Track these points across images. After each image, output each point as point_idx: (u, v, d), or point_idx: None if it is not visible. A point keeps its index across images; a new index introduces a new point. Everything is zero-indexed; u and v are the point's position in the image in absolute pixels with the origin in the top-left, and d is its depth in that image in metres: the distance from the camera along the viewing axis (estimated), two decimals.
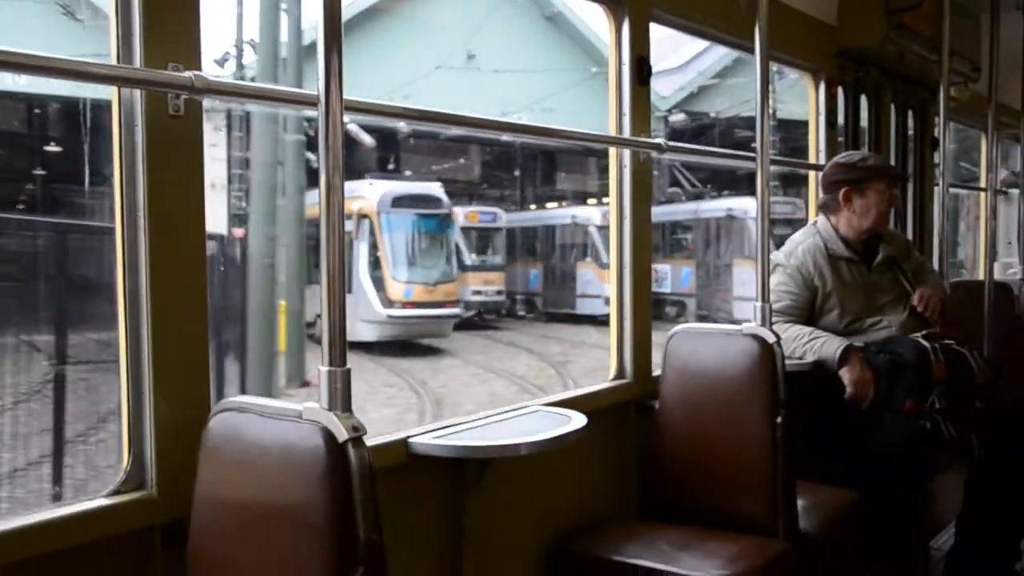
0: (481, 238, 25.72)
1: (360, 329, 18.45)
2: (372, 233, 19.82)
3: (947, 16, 4.34)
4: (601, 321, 22.91)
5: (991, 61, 4.87)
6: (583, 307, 25.24)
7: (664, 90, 23.26)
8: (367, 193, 19.79)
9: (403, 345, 18.93)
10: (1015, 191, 6.66)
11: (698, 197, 25.09)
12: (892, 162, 5.41)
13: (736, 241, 23.49)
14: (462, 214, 24.83)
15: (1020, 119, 5.89)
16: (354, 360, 1.78)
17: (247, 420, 1.72)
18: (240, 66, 17.50)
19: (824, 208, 3.69)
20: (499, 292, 25.48)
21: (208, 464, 1.76)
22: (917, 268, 3.82)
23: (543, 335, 23.05)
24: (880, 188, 3.57)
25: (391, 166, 25.65)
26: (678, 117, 24.34)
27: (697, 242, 25.38)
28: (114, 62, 1.82)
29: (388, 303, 19.42)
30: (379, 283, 19.64)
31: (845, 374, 3.28)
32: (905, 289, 3.65)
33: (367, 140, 18.39)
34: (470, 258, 24.92)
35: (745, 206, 22.84)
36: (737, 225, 23.42)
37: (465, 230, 24.95)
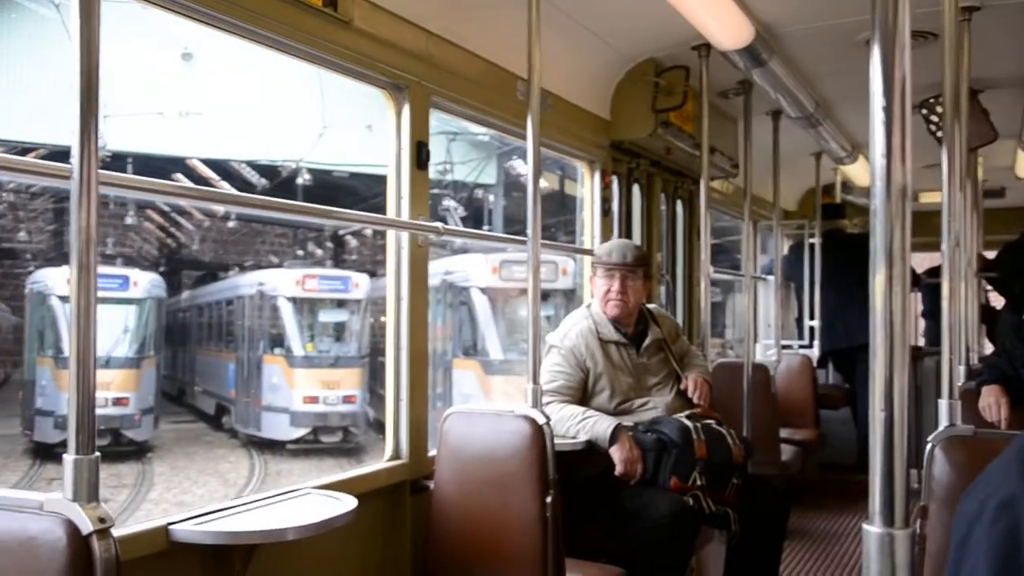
0: None
1: None
2: None
3: (706, 117, 4.75)
4: (293, 451, 16.23)
5: (746, 159, 5.32)
6: (268, 426, 16.74)
7: None
8: None
9: None
10: (771, 277, 7.16)
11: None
12: (662, 249, 5.74)
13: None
14: (64, 279, 14.20)
15: (772, 211, 6.41)
16: None
17: None
18: None
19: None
20: (119, 401, 15.26)
21: None
22: (684, 352, 4.03)
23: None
24: (601, 274, 3.81)
25: None
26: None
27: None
28: None
29: None
30: None
31: (615, 452, 3.41)
32: (673, 371, 3.83)
33: None
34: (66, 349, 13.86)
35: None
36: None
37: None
